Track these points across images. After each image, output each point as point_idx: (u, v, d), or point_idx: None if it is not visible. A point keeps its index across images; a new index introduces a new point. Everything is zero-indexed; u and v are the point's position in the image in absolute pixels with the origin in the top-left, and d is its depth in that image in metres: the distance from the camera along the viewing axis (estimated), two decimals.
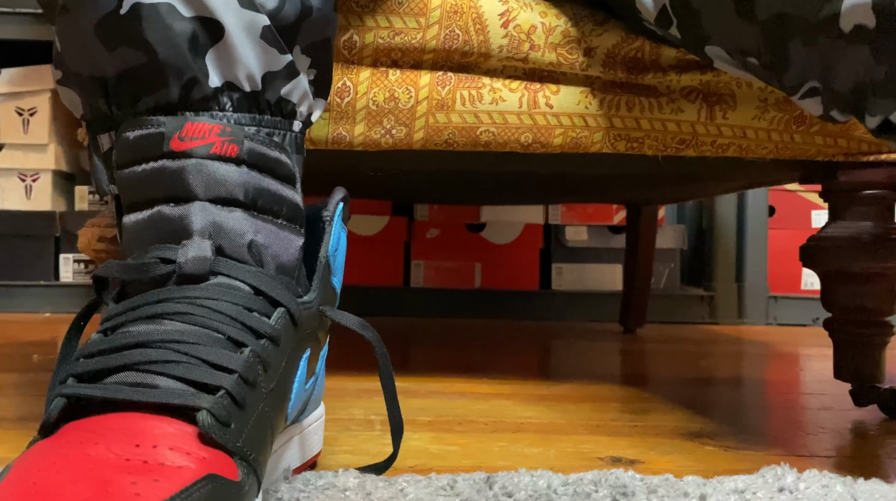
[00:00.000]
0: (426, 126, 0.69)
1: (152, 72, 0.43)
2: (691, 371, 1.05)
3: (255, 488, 0.39)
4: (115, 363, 0.38)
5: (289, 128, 0.47)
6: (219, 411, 0.37)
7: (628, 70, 0.69)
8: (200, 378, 0.38)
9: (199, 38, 0.43)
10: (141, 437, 0.36)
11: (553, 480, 0.50)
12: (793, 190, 1.77)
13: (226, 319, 0.40)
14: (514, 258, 1.76)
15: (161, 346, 0.38)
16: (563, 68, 0.69)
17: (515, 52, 0.68)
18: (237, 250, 0.43)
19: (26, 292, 1.66)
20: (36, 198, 1.69)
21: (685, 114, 0.71)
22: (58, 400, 0.38)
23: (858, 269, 0.76)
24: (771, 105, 0.72)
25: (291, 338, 0.43)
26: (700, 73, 0.70)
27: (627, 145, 0.71)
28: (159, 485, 0.33)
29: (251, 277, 0.42)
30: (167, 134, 0.43)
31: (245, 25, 0.44)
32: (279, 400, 0.42)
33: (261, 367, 0.40)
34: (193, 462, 0.35)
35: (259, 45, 0.45)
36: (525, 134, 0.70)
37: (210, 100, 0.44)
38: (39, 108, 1.69)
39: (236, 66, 0.44)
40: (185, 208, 0.42)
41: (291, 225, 0.46)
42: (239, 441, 0.38)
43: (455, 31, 0.68)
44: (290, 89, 0.47)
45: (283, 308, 0.43)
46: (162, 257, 0.42)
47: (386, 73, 0.69)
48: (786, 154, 0.74)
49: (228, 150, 0.43)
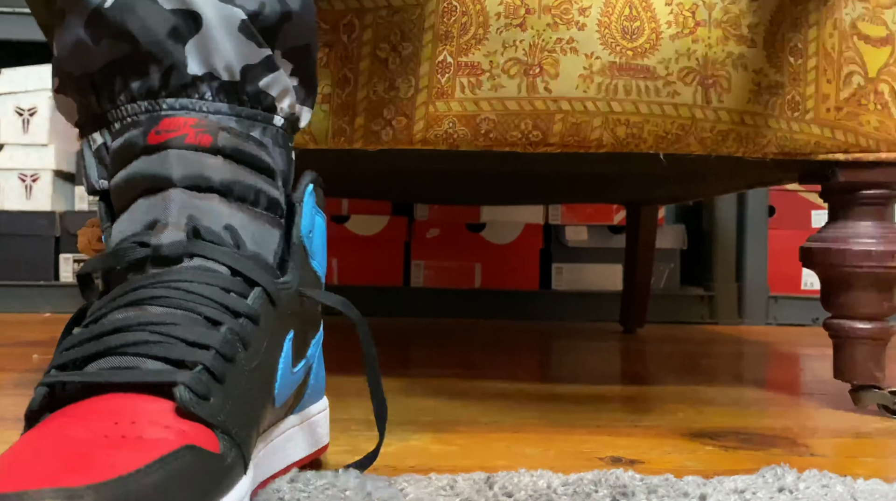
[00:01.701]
0: (426, 115, 0.69)
1: (134, 61, 0.45)
2: (691, 371, 1.05)
3: (241, 463, 0.39)
4: (95, 349, 0.39)
5: (269, 121, 0.48)
6: (196, 385, 0.38)
7: (623, 31, 0.70)
8: (178, 355, 0.38)
9: (179, 29, 0.45)
10: (120, 415, 0.36)
11: (553, 480, 0.50)
12: (793, 190, 1.77)
13: (202, 299, 0.41)
14: (514, 258, 1.76)
15: (138, 329, 0.39)
16: (560, 31, 0.69)
17: (513, 17, 0.68)
18: (213, 233, 0.43)
19: (26, 292, 1.66)
20: (36, 198, 1.69)
21: (682, 96, 0.71)
22: (39, 389, 0.39)
23: (858, 269, 0.76)
24: (764, 89, 0.72)
25: (272, 318, 0.44)
26: (692, 41, 0.70)
27: (627, 131, 0.71)
28: (135, 455, 0.33)
29: (228, 258, 0.43)
30: (144, 131, 0.44)
31: (223, 18, 0.45)
32: (263, 379, 0.43)
33: (240, 345, 0.41)
34: (173, 434, 0.36)
35: (237, 38, 0.46)
36: (525, 120, 0.70)
37: (189, 88, 0.45)
38: (39, 108, 1.69)
39: (214, 56, 0.45)
40: (161, 196, 0.44)
41: (270, 214, 0.47)
42: (220, 416, 0.38)
43: (452, 2, 0.68)
44: (269, 82, 0.48)
45: (259, 287, 0.43)
46: (139, 241, 0.43)
47: (385, 63, 0.69)
48: (785, 146, 0.74)
49: (202, 140, 0.44)
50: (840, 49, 0.74)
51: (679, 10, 0.70)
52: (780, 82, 0.73)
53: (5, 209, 1.67)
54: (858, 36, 0.74)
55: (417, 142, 0.70)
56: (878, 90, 0.74)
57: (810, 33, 0.73)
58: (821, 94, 0.74)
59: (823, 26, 0.73)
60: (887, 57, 0.74)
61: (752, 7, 0.72)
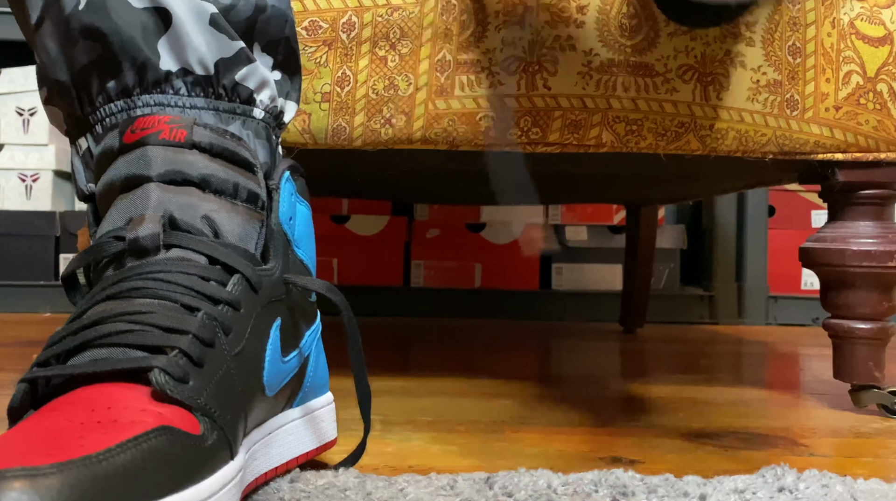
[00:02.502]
0: (426, 113, 0.69)
1: (108, 61, 0.45)
2: (691, 371, 1.05)
3: (226, 447, 0.39)
4: (74, 344, 0.39)
5: (248, 114, 0.48)
6: (173, 368, 0.38)
7: (621, 29, 0.70)
8: (154, 342, 0.38)
9: (151, 26, 0.45)
10: (97, 403, 0.36)
11: (553, 480, 0.50)
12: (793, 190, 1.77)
13: (180, 288, 0.41)
14: (514, 258, 1.76)
15: (115, 320, 0.39)
16: (559, 29, 0.69)
17: (511, 14, 0.68)
18: (191, 224, 0.44)
19: (26, 292, 1.66)
20: (36, 198, 1.69)
21: (680, 94, 0.71)
22: (20, 386, 0.39)
23: (858, 270, 0.76)
24: (763, 87, 0.72)
25: (253, 304, 0.44)
26: (690, 38, 0.70)
27: (627, 127, 0.71)
28: (107, 437, 0.33)
29: (205, 247, 0.43)
30: (120, 131, 0.45)
31: (193, 12, 0.46)
32: (248, 364, 0.43)
33: (220, 330, 0.41)
34: (148, 416, 0.35)
35: (208, 31, 0.46)
36: (524, 117, 0.70)
37: (164, 83, 0.46)
38: (39, 108, 1.69)
39: (187, 50, 0.46)
40: (138, 192, 0.44)
41: (249, 206, 0.47)
42: (200, 398, 0.38)
43: (452, 0, 0.68)
44: (245, 74, 0.48)
45: (238, 274, 0.43)
46: (115, 236, 0.43)
47: (385, 61, 0.69)
48: (785, 145, 0.74)
49: (177, 135, 0.44)
50: (839, 48, 0.74)
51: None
52: (779, 81, 0.73)
53: (5, 209, 1.67)
54: (857, 35, 0.74)
55: (417, 140, 0.70)
56: (877, 90, 0.74)
57: (808, 32, 0.73)
58: (819, 94, 0.74)
59: (822, 25, 0.73)
60: (886, 56, 0.74)
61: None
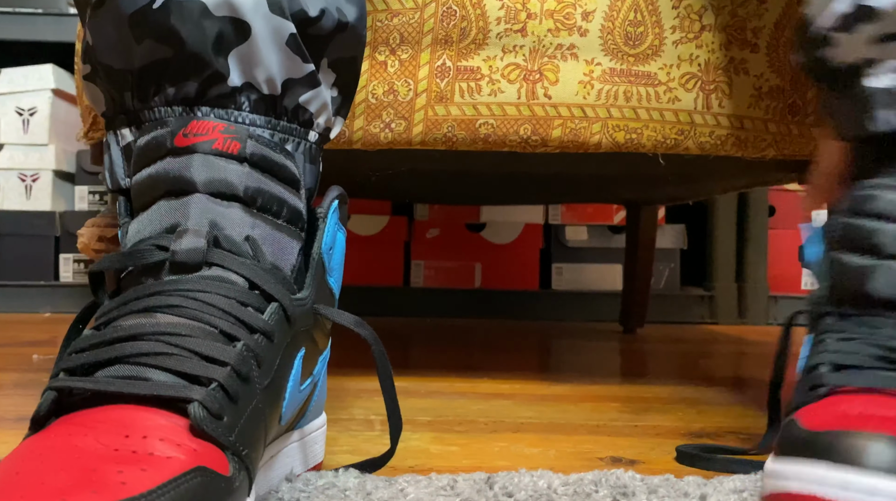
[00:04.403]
0: (425, 119, 0.69)
1: (175, 66, 0.44)
2: (691, 371, 1.05)
3: (247, 486, 0.38)
4: (106, 356, 0.38)
5: (304, 136, 0.47)
6: (211, 403, 0.37)
7: (626, 37, 0.69)
8: (192, 370, 0.37)
9: (225, 37, 0.44)
10: (131, 428, 0.35)
11: (553, 480, 0.50)
12: (793, 190, 1.77)
13: (218, 312, 0.40)
14: (514, 258, 1.76)
15: (152, 339, 0.38)
16: (562, 36, 0.69)
17: (513, 22, 0.68)
18: (233, 243, 0.43)
19: (26, 292, 1.66)
20: (36, 198, 1.69)
21: (682, 102, 0.71)
22: (48, 394, 0.38)
23: None
24: (765, 94, 0.72)
25: (285, 335, 0.43)
26: (696, 46, 0.70)
27: (626, 136, 0.71)
28: (146, 475, 0.32)
29: (246, 269, 0.42)
30: (172, 132, 0.43)
31: (272, 30, 0.44)
32: (273, 397, 0.42)
33: (254, 362, 0.40)
34: (183, 453, 0.35)
35: (283, 51, 0.45)
36: (524, 125, 0.70)
37: (227, 98, 0.45)
38: (39, 108, 1.69)
39: (257, 68, 0.45)
40: (183, 200, 0.43)
41: (291, 227, 0.46)
42: (231, 436, 0.37)
43: (452, 7, 0.68)
44: (309, 98, 0.47)
45: (276, 303, 0.42)
46: (157, 244, 0.42)
47: (385, 66, 0.69)
48: (785, 149, 0.74)
49: (231, 147, 0.43)
50: None
51: (686, 14, 0.70)
52: (781, 87, 0.73)
53: (5, 209, 1.67)
54: None
55: (416, 145, 0.70)
56: None
57: None
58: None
59: None
60: None
61: (759, 10, 0.72)
